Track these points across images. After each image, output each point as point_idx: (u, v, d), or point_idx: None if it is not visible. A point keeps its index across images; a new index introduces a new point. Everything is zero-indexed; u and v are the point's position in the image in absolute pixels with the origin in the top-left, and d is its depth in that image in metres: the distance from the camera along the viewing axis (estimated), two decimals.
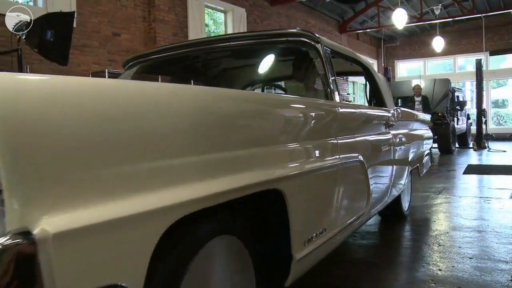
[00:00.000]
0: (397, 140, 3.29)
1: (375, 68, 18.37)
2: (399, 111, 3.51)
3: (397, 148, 3.27)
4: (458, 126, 12.14)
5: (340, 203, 2.12)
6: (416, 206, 4.65)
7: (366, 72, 3.35)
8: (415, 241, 3.37)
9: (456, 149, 11.70)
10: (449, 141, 10.93)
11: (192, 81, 3.40)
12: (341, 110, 2.22)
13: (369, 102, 3.48)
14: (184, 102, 1.23)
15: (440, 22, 16.07)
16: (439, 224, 3.93)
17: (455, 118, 11.78)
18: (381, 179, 2.95)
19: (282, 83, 3.46)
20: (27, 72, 5.22)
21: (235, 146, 1.38)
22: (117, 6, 7.65)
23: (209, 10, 10.13)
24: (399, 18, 12.35)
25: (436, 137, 10.72)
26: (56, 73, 5.93)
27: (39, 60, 5.77)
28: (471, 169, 7.66)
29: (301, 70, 2.70)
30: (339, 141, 2.13)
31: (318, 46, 2.34)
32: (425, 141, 4.50)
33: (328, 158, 1.99)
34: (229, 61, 3.21)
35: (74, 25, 6.00)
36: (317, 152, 1.91)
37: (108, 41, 7.44)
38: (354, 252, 3.21)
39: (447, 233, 3.55)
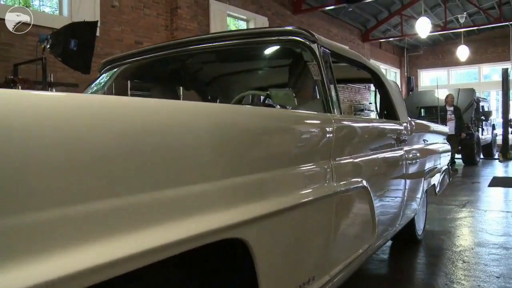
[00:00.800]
0: (411, 156, 2.90)
1: (398, 77, 18.16)
2: (413, 124, 3.18)
3: (410, 166, 2.89)
4: (483, 137, 11.87)
5: (335, 241, 1.73)
6: (439, 220, 4.52)
7: (375, 79, 2.93)
8: (439, 257, 3.26)
9: (480, 160, 11.42)
10: (473, 152, 10.69)
11: (174, 86, 3.07)
12: (338, 124, 1.82)
13: (380, 113, 3.10)
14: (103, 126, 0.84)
15: (465, 31, 15.80)
16: (463, 239, 3.81)
17: (480, 129, 11.52)
18: (391, 205, 2.58)
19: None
20: (50, 80, 5.31)
21: (175, 181, 0.96)
22: (140, 15, 7.75)
23: (232, 18, 10.18)
24: (423, 27, 12.19)
25: (460, 147, 10.52)
26: (79, 81, 6.03)
27: (63, 69, 5.87)
28: (497, 182, 7.44)
29: (293, 76, 2.30)
30: (335, 164, 1.72)
31: (314, 46, 1.97)
32: (442, 155, 4.05)
33: (318, 188, 1.57)
34: (213, 63, 2.86)
35: (97, 34, 6.08)
36: (301, 182, 1.51)
37: (131, 49, 7.52)
38: (377, 268, 3.13)
39: (472, 249, 3.43)
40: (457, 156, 10.69)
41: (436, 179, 3.78)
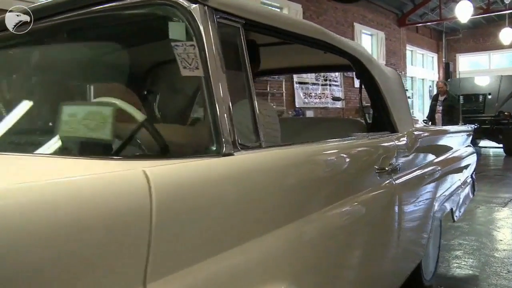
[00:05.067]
0: (407, 190, 2.01)
1: (435, 62, 17.56)
2: (419, 134, 2.30)
3: (409, 202, 2.03)
4: None
5: None
6: (479, 221, 4.38)
7: (356, 66, 1.98)
8: (480, 266, 3.15)
9: None
10: None
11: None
12: (166, 192, 0.84)
13: (373, 121, 2.21)
14: None
15: (510, 12, 15.05)
16: (507, 244, 3.67)
17: None
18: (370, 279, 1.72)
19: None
20: None
21: None
22: None
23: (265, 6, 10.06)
24: (464, 11, 11.70)
25: (501, 137, 10.15)
26: None
27: None
28: None
29: (145, 72, 1.46)
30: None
31: (196, 10, 1.05)
32: (465, 165, 3.13)
33: None
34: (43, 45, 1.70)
35: None
36: None
37: None
38: None
39: None
40: (497, 145, 10.31)
41: (455, 202, 2.87)
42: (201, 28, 1.04)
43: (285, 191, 1.19)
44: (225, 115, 1.03)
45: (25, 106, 1.58)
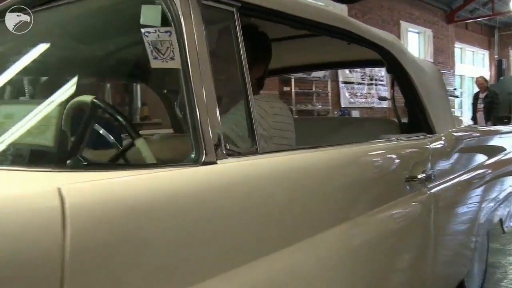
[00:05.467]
0: (445, 200, 1.77)
1: (486, 60, 16.90)
2: (460, 136, 2.05)
3: (445, 216, 1.79)
4: None
5: None
6: None
7: (386, 59, 1.74)
8: None
9: None
10: None
11: None
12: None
13: (408, 121, 1.95)
14: None
15: None
16: None
17: None
18: None
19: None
20: None
21: None
22: None
23: None
24: None
25: None
26: None
27: None
28: None
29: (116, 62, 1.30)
30: None
31: None
32: None
33: None
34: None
35: None
36: None
37: None
38: None
39: None
40: None
41: (505, 211, 2.62)
42: (180, 11, 0.85)
43: (282, 208, 0.95)
44: (207, 115, 0.84)
45: None
